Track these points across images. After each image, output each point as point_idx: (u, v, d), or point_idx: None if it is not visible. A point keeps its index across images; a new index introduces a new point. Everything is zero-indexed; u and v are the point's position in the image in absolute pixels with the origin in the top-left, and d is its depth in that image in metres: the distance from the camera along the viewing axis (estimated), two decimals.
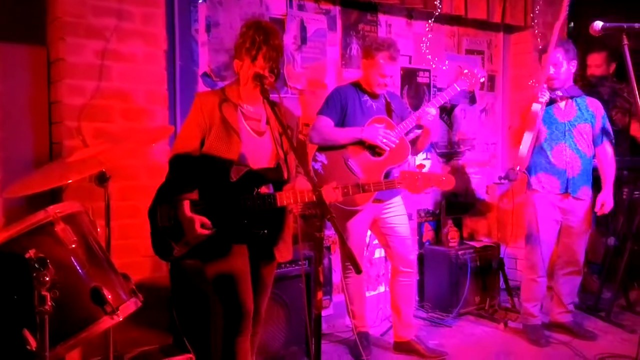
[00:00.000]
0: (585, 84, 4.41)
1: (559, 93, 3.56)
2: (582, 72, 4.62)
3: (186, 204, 2.19)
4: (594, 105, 3.62)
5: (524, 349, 3.56)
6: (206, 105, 2.32)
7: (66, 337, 1.44)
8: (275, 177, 2.37)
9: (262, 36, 2.26)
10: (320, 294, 1.88)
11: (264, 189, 2.32)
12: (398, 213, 3.40)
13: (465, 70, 3.44)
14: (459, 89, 3.38)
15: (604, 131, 3.61)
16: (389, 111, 3.39)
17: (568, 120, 3.56)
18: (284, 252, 2.46)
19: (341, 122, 3.29)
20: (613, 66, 4.40)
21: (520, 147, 3.44)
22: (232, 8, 3.52)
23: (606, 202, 3.57)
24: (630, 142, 4.33)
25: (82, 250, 1.56)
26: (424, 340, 3.50)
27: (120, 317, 1.53)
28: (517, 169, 3.53)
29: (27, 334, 1.41)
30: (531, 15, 4.68)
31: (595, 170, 3.67)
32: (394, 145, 3.23)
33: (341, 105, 3.29)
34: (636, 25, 2.23)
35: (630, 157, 4.20)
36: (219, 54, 3.48)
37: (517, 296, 4.20)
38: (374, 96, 3.36)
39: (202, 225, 2.18)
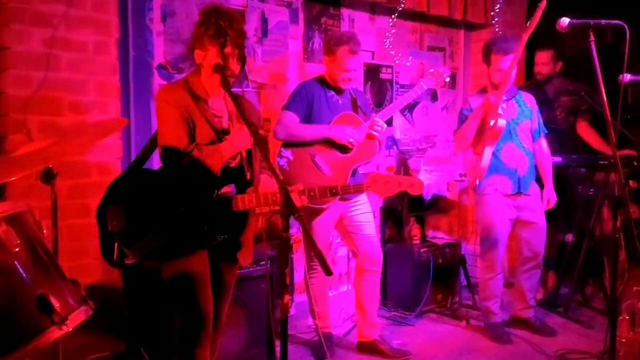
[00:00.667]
0: (533, 81, 4.44)
1: (504, 97, 3.50)
2: (530, 69, 4.64)
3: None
4: (530, 100, 3.67)
5: (486, 347, 3.55)
6: (179, 100, 2.14)
7: (9, 350, 1.29)
8: (238, 177, 2.24)
9: (227, 21, 2.13)
10: (287, 297, 1.78)
11: (225, 190, 2.20)
12: (364, 211, 3.34)
13: (431, 69, 3.41)
14: (425, 88, 3.34)
15: (540, 125, 3.67)
16: (355, 107, 3.32)
17: (511, 118, 3.56)
18: (247, 255, 2.35)
19: (307, 118, 3.21)
20: (559, 65, 4.43)
21: (482, 160, 3.39)
22: None
23: (553, 197, 3.65)
24: (574, 140, 4.39)
25: (27, 254, 1.41)
26: (388, 339, 3.45)
27: (69, 327, 1.38)
28: (477, 182, 3.53)
29: None
30: (491, 13, 4.70)
31: None
32: (356, 144, 3.17)
33: (307, 101, 3.20)
34: (602, 21, 2.22)
35: (586, 155, 4.27)
36: (175, 45, 3.32)
37: (478, 293, 4.21)
38: (339, 91, 3.28)
39: None
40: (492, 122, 3.31)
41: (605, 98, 2.21)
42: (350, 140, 3.15)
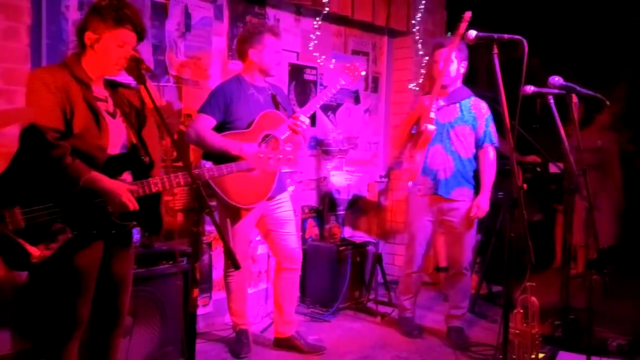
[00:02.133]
0: None
1: (442, 102, 3.53)
2: None
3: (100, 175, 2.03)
4: (477, 107, 3.58)
5: (397, 341, 3.69)
6: (60, 84, 2.06)
7: None
8: (135, 162, 2.21)
9: (128, 9, 2.12)
10: (196, 292, 1.80)
11: (125, 177, 2.16)
12: (286, 209, 3.38)
13: (347, 64, 3.47)
14: (343, 83, 3.38)
15: (486, 134, 3.58)
16: (275, 104, 3.35)
17: (448, 121, 3.55)
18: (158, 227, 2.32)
19: (225, 119, 3.19)
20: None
21: (415, 163, 3.44)
22: None
23: (481, 205, 3.53)
24: None
25: None
26: (304, 335, 3.51)
27: None
28: (409, 183, 3.57)
29: None
30: (413, 21, 4.88)
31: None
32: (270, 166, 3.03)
33: (225, 103, 3.17)
34: (505, 35, 2.38)
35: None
36: None
37: (394, 290, 4.37)
38: (259, 89, 3.30)
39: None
40: (423, 127, 3.33)
41: (505, 105, 2.36)
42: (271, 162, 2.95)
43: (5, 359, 2.67)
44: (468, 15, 2.98)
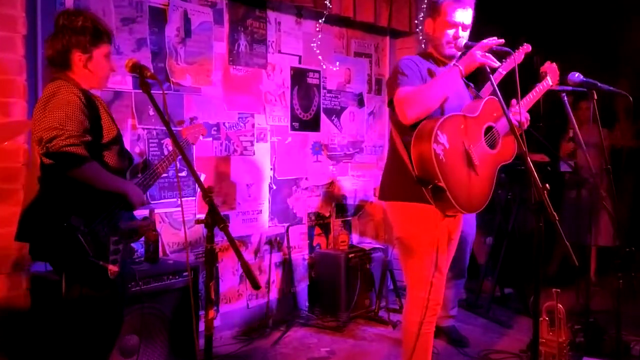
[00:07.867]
0: None
1: None
2: None
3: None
4: None
5: None
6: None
7: None
8: None
9: (99, 23, 2.21)
10: (211, 313, 1.67)
11: None
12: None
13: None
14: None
15: None
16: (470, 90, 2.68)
17: None
18: None
19: None
20: None
21: None
22: None
23: None
24: None
25: None
26: None
27: None
28: None
29: None
30: (415, 21, 4.78)
31: None
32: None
33: (420, 74, 2.43)
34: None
35: None
36: None
37: (404, 297, 4.25)
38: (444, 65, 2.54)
39: None
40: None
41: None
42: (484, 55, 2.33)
43: None
44: (528, 48, 2.64)
